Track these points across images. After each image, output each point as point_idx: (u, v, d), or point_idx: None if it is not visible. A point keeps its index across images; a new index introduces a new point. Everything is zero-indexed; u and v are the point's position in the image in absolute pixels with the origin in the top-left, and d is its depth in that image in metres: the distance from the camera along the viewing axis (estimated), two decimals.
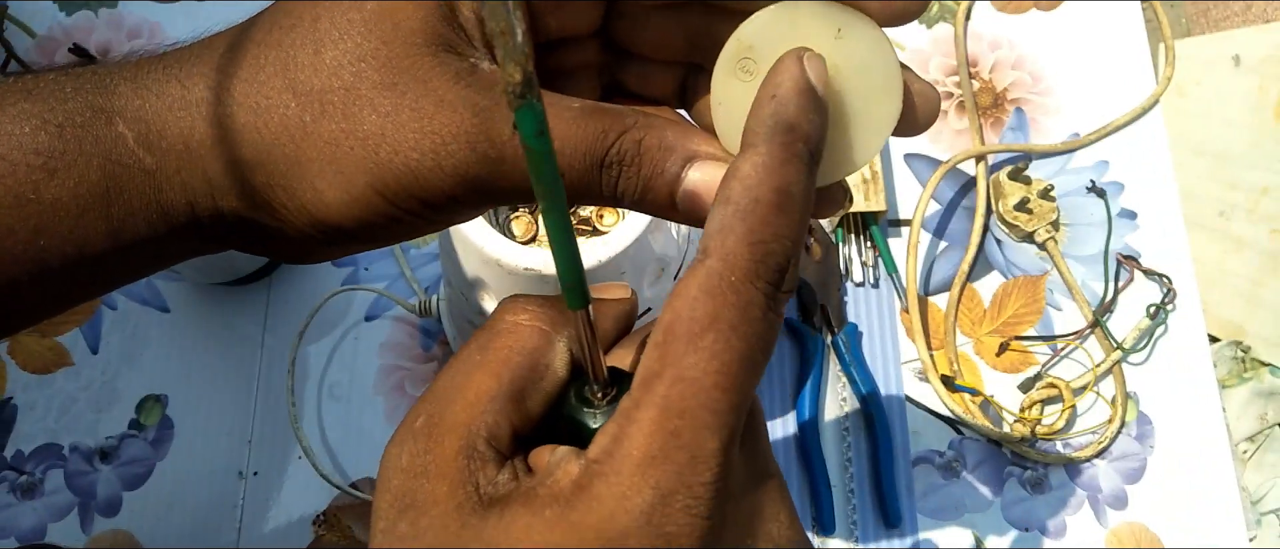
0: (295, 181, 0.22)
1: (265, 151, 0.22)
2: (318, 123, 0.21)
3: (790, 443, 0.56)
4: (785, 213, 0.19)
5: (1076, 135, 0.63)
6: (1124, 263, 0.60)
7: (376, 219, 0.22)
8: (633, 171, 0.21)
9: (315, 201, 0.22)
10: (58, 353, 0.59)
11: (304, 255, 0.25)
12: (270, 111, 0.21)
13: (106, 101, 0.22)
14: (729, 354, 0.18)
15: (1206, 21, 0.70)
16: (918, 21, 0.66)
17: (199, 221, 0.23)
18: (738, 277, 0.19)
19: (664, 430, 0.18)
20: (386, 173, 0.21)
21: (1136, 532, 0.55)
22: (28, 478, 0.56)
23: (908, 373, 0.58)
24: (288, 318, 0.59)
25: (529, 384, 0.20)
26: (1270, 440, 0.61)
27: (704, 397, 0.18)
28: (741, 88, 0.21)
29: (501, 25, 0.15)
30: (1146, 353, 0.58)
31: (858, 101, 0.21)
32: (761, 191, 0.19)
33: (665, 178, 0.21)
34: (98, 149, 0.22)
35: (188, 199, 0.23)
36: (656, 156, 0.21)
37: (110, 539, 0.55)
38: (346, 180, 0.21)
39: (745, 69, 0.21)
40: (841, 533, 0.54)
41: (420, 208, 0.22)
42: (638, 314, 0.23)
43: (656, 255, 0.41)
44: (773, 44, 0.20)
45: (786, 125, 0.19)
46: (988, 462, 0.56)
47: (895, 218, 0.61)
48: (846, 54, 0.20)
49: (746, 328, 0.19)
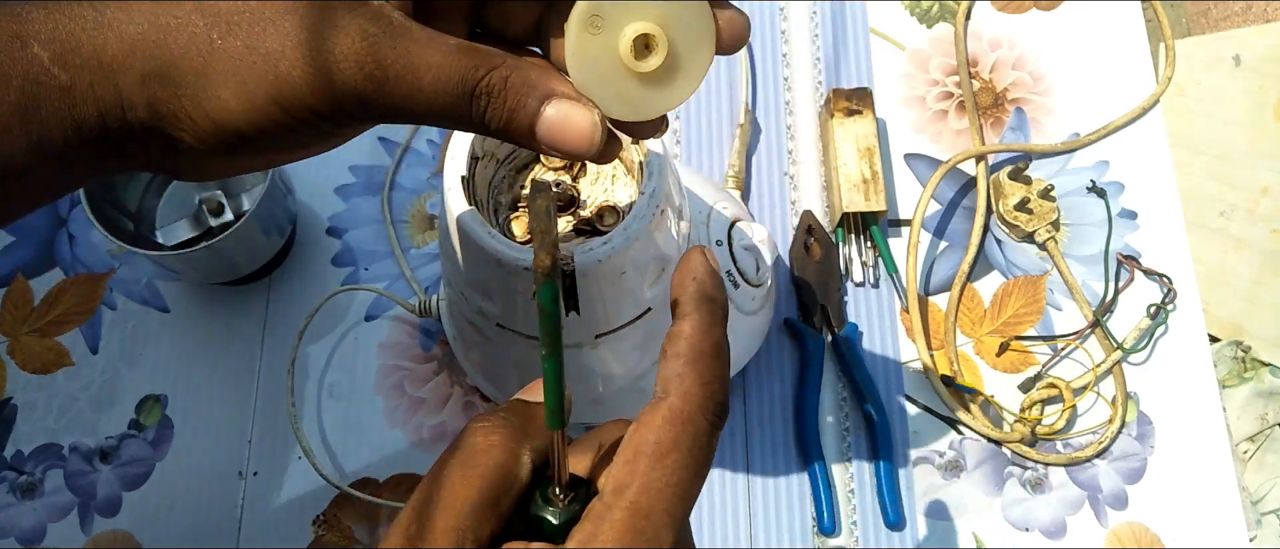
0: (201, 91, 0.25)
1: (174, 64, 0.25)
2: (225, 40, 0.24)
3: (790, 443, 0.56)
4: (721, 360, 0.25)
5: (1077, 135, 0.63)
6: (1124, 263, 0.60)
7: (272, 126, 0.25)
8: (499, 103, 0.25)
9: (219, 110, 0.25)
10: (57, 353, 0.59)
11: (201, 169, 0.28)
12: (180, 30, 0.24)
13: (21, 27, 0.25)
14: (684, 471, 0.23)
15: (1207, 21, 0.70)
16: (918, 21, 0.66)
17: (109, 134, 0.26)
18: (693, 410, 0.24)
19: (633, 528, 0.23)
20: (284, 85, 0.24)
21: (1137, 532, 0.55)
22: (27, 478, 0.56)
23: (908, 373, 0.58)
24: (287, 318, 0.59)
25: (503, 493, 0.24)
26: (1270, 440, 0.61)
27: (665, 503, 0.23)
28: (591, 41, 0.26)
29: (541, 226, 0.21)
30: (1147, 353, 0.58)
31: (683, 46, 0.26)
32: (704, 347, 0.25)
33: (526, 111, 0.26)
34: (15, 70, 0.24)
35: (99, 111, 0.25)
36: (520, 92, 0.25)
37: (110, 539, 0.55)
38: (248, 91, 0.24)
39: (594, 26, 0.26)
40: (842, 533, 0.55)
41: (311, 117, 0.25)
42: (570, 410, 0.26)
43: (656, 255, 0.41)
44: (616, 5, 0.25)
45: (708, 298, 0.26)
46: (988, 462, 0.56)
47: (895, 218, 0.61)
48: (675, 13, 0.26)
49: (698, 451, 0.24)
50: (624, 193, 0.44)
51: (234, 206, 0.57)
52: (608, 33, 0.26)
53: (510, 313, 0.42)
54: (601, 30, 0.26)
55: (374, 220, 0.61)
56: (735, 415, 0.57)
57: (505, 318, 0.43)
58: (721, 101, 0.64)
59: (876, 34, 0.66)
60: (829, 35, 0.66)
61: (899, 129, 0.64)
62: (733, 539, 0.55)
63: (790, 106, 0.64)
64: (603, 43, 0.26)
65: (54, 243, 0.61)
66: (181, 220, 0.57)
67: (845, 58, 0.65)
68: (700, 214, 0.51)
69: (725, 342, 0.26)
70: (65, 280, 0.60)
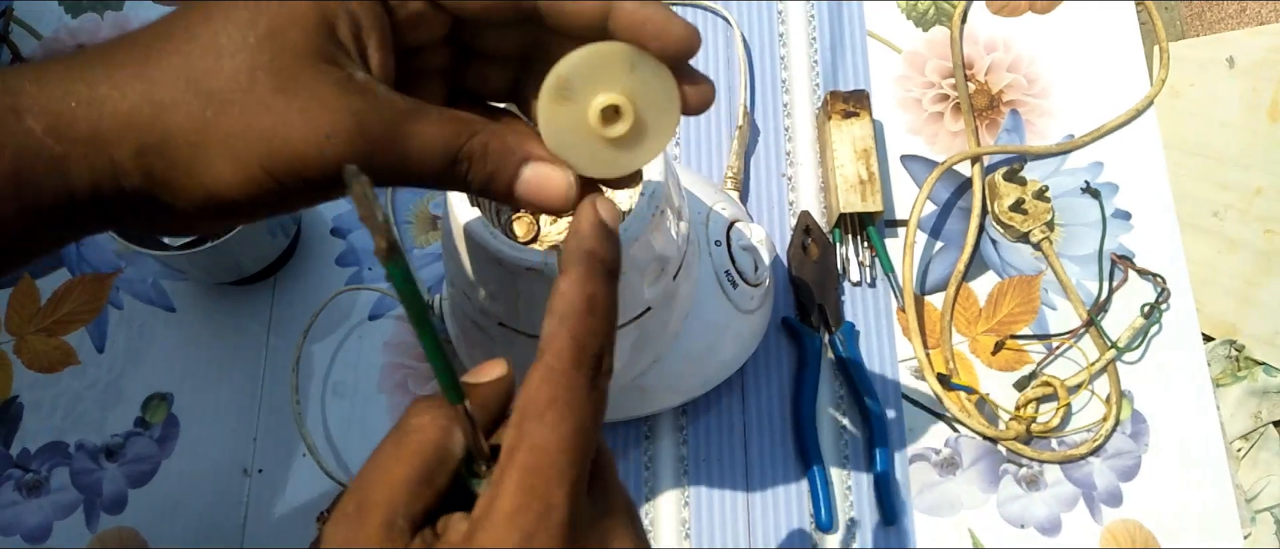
0: (196, 164, 0.26)
1: (169, 140, 0.26)
2: (219, 118, 0.25)
3: (788, 441, 0.57)
4: (594, 316, 0.25)
5: (1071, 137, 0.64)
6: (1118, 263, 0.60)
7: (264, 194, 0.26)
8: (480, 167, 0.27)
9: (214, 181, 0.26)
10: (64, 352, 0.59)
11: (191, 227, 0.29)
12: (174, 106, 0.25)
13: (14, 101, 0.26)
14: (565, 426, 0.24)
15: (1201, 24, 0.70)
16: (914, 24, 0.67)
17: (102, 199, 0.27)
18: (566, 366, 0.24)
19: (523, 488, 0.23)
20: (278, 159, 0.25)
21: (1131, 529, 0.55)
22: (34, 476, 0.57)
23: (904, 371, 0.58)
24: (292, 317, 0.60)
25: (436, 469, 0.25)
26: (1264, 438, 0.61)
27: (550, 458, 0.24)
28: (562, 110, 0.27)
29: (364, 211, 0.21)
30: (1141, 352, 0.59)
31: (650, 113, 0.28)
32: (577, 303, 0.25)
33: (506, 173, 0.28)
34: (8, 141, 0.25)
35: (92, 180, 0.26)
36: (499, 156, 0.27)
37: (116, 537, 0.56)
38: (243, 165, 0.26)
39: (564, 96, 0.27)
40: (839, 530, 0.55)
41: (304, 186, 0.26)
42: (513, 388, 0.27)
43: (656, 255, 0.42)
44: (584, 77, 0.27)
45: (588, 252, 0.26)
46: (983, 459, 0.57)
47: (892, 218, 0.62)
48: (639, 81, 0.27)
49: (577, 404, 0.24)
50: (623, 193, 0.44)
51: None
52: (577, 102, 0.27)
53: (512, 312, 0.43)
54: (571, 99, 0.27)
55: None
56: (733, 414, 0.58)
57: (507, 317, 0.43)
58: (720, 103, 0.65)
59: (873, 37, 0.67)
60: (826, 38, 0.66)
61: (895, 131, 0.64)
62: (731, 537, 0.55)
63: (788, 108, 0.65)
64: (573, 111, 0.27)
65: None
66: None
67: (842, 60, 0.66)
68: (698, 215, 0.52)
69: (603, 293, 0.26)
70: (71, 280, 0.61)
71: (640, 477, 0.56)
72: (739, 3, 0.67)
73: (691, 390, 0.54)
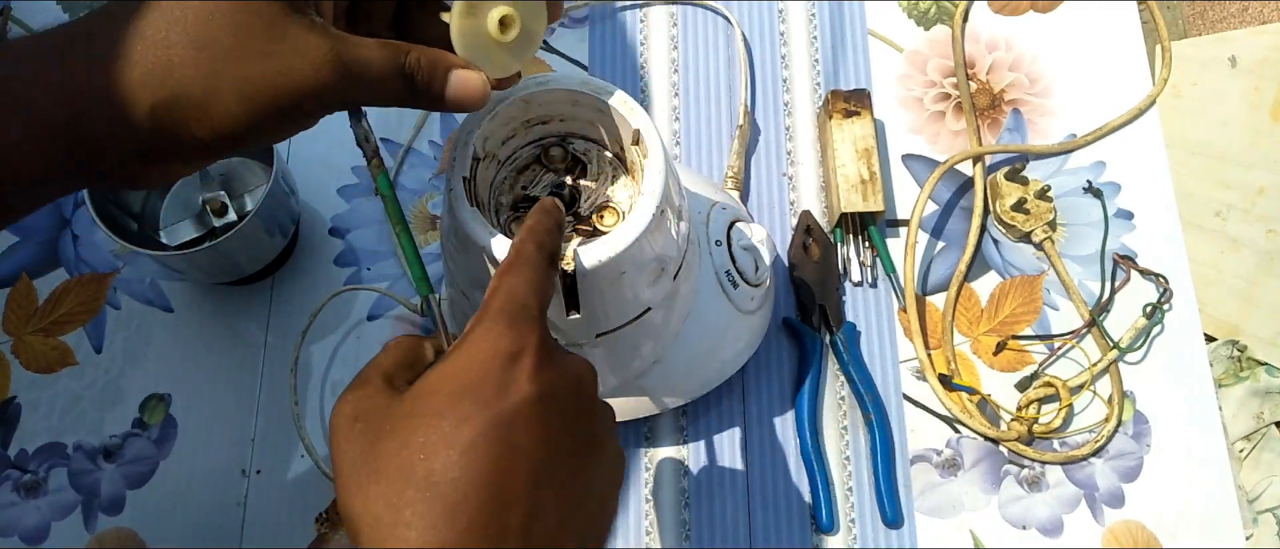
0: (210, 109, 0.31)
1: (182, 94, 0.31)
2: (226, 67, 0.31)
3: (789, 441, 0.57)
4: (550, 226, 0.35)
5: (1073, 136, 0.63)
6: (1120, 263, 0.60)
7: (268, 123, 0.32)
8: (420, 76, 0.35)
9: (225, 119, 0.32)
10: (62, 352, 0.59)
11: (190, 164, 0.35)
12: (182, 65, 0.31)
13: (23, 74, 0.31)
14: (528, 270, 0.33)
15: (1203, 23, 0.70)
16: (916, 23, 0.67)
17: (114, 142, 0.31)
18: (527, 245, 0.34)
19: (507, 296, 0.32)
20: (282, 93, 0.32)
21: (1133, 530, 0.55)
22: (31, 476, 0.57)
23: (905, 372, 0.58)
24: (290, 317, 0.59)
25: (415, 360, 0.33)
26: (1266, 439, 0.61)
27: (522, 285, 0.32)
28: (469, 22, 0.35)
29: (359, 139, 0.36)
30: (1143, 352, 0.59)
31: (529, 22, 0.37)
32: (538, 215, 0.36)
33: (439, 79, 0.35)
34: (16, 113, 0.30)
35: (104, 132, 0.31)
36: (431, 67, 0.35)
37: (114, 538, 0.55)
38: (253, 103, 0.31)
39: (470, 12, 0.35)
40: (840, 531, 0.55)
41: (298, 113, 0.33)
42: None
43: (656, 255, 0.41)
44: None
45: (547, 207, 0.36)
46: (985, 460, 0.56)
47: (893, 218, 0.62)
48: None
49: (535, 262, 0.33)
50: (624, 193, 0.44)
51: (237, 207, 0.58)
52: (478, 16, 0.35)
53: None
54: (474, 15, 0.35)
55: (376, 221, 0.62)
56: (734, 414, 0.57)
57: None
58: (721, 103, 0.65)
59: (874, 36, 0.66)
60: (827, 37, 0.66)
61: (897, 130, 0.64)
62: (732, 537, 0.55)
63: (789, 108, 0.65)
64: (476, 23, 0.35)
65: (58, 243, 0.62)
66: (185, 221, 0.58)
67: (843, 59, 0.66)
68: (699, 214, 0.51)
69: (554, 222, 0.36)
70: (69, 280, 0.61)
71: (640, 477, 0.56)
72: (740, 2, 0.67)
73: (692, 391, 0.54)
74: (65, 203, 0.63)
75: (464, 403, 0.29)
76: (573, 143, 0.45)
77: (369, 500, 0.29)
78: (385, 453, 0.29)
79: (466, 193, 0.39)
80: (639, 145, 0.41)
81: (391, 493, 0.29)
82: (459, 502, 0.28)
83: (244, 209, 0.58)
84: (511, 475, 0.29)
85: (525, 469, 0.29)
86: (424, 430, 0.29)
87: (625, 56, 0.66)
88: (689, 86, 0.65)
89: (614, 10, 0.67)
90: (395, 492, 0.29)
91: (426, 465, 0.29)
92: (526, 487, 0.29)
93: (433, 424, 0.29)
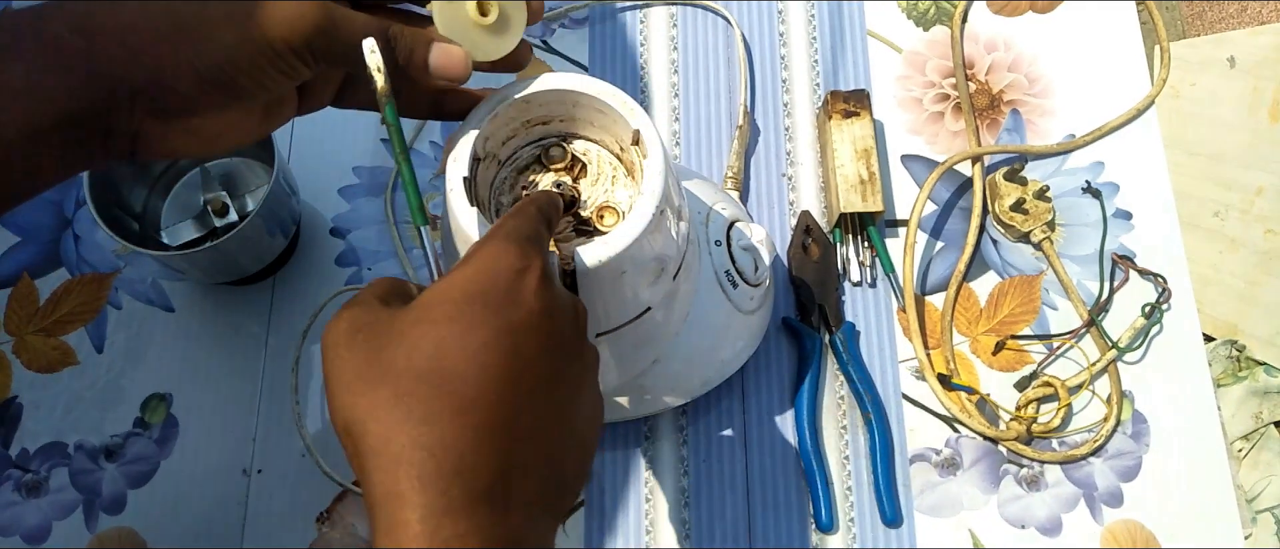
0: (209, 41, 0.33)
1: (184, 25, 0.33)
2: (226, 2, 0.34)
3: (788, 441, 0.57)
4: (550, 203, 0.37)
5: (1072, 136, 0.64)
6: (1119, 263, 0.60)
7: (263, 63, 0.34)
8: (403, 45, 0.37)
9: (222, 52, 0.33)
10: (63, 352, 0.59)
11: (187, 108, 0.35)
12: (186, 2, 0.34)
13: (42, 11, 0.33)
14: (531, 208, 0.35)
15: (1202, 23, 0.70)
16: (915, 24, 0.67)
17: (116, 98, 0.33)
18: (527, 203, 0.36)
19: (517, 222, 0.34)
20: (274, 33, 0.34)
21: (1132, 529, 0.55)
22: (33, 476, 0.57)
23: (905, 371, 0.58)
24: (291, 317, 0.59)
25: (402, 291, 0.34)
26: (1265, 439, 0.61)
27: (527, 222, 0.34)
28: (451, 5, 0.38)
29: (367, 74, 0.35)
30: (1142, 352, 0.59)
31: (509, 9, 0.39)
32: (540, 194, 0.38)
33: (421, 50, 0.37)
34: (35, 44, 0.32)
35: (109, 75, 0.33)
36: (412, 38, 0.37)
37: (115, 537, 0.55)
38: (247, 37, 0.34)
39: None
40: (839, 531, 0.55)
41: (290, 55, 0.35)
42: None
43: (656, 255, 0.42)
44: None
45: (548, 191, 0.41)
46: (984, 459, 0.56)
47: (892, 218, 0.62)
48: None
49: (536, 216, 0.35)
50: (624, 193, 0.44)
51: (238, 207, 0.58)
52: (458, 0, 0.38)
53: None
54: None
55: (377, 221, 0.62)
56: (733, 414, 0.57)
57: None
58: (720, 103, 0.65)
59: (874, 36, 0.66)
60: (827, 37, 0.66)
61: (896, 130, 0.64)
62: (732, 537, 0.55)
63: (788, 108, 0.65)
64: (456, 7, 0.38)
65: (59, 243, 0.62)
66: (186, 221, 0.58)
67: (843, 60, 0.66)
68: (699, 214, 0.51)
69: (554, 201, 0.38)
70: (71, 280, 0.61)
71: (640, 477, 0.56)
72: (739, 2, 0.67)
73: (691, 390, 0.54)
74: (67, 203, 0.63)
75: (475, 307, 0.30)
76: (573, 143, 0.45)
77: (376, 403, 0.29)
78: (392, 359, 0.29)
79: (467, 193, 0.39)
80: (639, 145, 0.41)
81: (401, 393, 0.29)
82: (471, 401, 0.29)
83: (245, 209, 0.58)
84: (520, 383, 0.30)
85: (531, 378, 0.30)
86: (433, 335, 0.30)
87: (625, 57, 0.66)
88: (689, 87, 0.65)
89: (614, 10, 0.68)
90: (406, 390, 0.29)
91: (437, 364, 0.29)
92: (532, 396, 0.30)
93: (443, 328, 0.30)
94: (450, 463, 0.28)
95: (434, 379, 0.29)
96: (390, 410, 0.29)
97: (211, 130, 0.36)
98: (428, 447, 0.28)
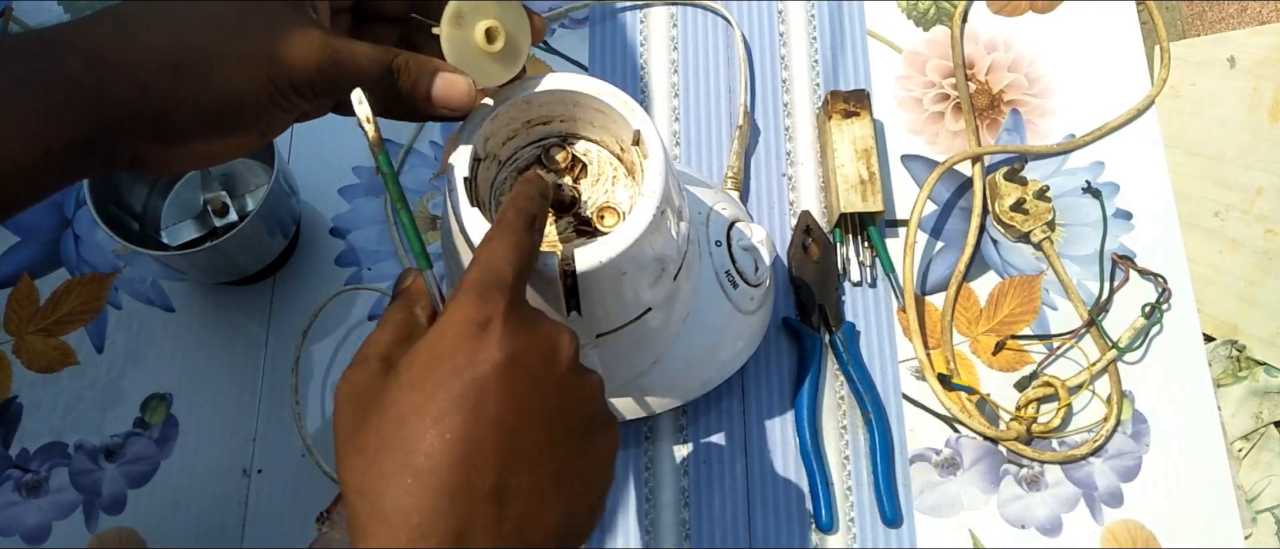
0: (216, 77, 0.34)
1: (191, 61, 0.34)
2: (233, 43, 0.34)
3: (788, 441, 0.57)
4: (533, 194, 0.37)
5: (1072, 136, 0.64)
6: (1119, 263, 0.60)
7: (260, 102, 0.35)
8: (406, 75, 0.37)
9: (228, 87, 0.34)
10: (63, 352, 0.59)
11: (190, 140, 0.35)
12: (196, 34, 0.34)
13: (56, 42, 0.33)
14: (509, 236, 0.35)
15: (1202, 23, 0.70)
16: (915, 24, 0.67)
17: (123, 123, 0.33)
18: (505, 207, 0.36)
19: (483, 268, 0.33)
20: (278, 72, 0.35)
21: (1132, 529, 0.55)
22: (33, 476, 0.57)
23: (905, 371, 0.58)
24: (291, 317, 0.59)
25: (412, 332, 0.35)
26: (1265, 439, 0.61)
27: (499, 255, 0.34)
28: (457, 33, 0.38)
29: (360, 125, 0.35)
30: (1142, 352, 0.59)
31: (514, 36, 0.39)
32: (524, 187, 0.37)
33: (424, 80, 0.37)
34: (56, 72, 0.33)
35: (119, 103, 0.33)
36: (417, 68, 0.37)
37: (115, 537, 0.55)
38: (252, 75, 0.34)
39: (458, 22, 0.38)
40: (840, 531, 0.55)
41: (292, 93, 0.35)
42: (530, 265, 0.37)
43: (656, 256, 0.42)
44: (470, 9, 0.38)
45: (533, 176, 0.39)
46: (984, 459, 0.56)
47: (892, 218, 0.62)
48: (504, 11, 0.39)
49: (518, 229, 0.35)
50: (624, 193, 0.44)
51: (238, 207, 0.58)
52: (466, 27, 0.38)
53: None
54: (462, 26, 0.38)
55: (377, 221, 0.62)
56: (734, 414, 0.57)
57: None
58: (720, 103, 0.65)
59: (874, 36, 0.66)
60: (827, 37, 0.66)
61: (896, 130, 0.64)
62: (732, 537, 0.55)
63: (788, 108, 0.65)
64: (464, 33, 0.38)
65: (59, 243, 0.62)
66: (186, 221, 0.58)
67: (843, 60, 0.66)
68: (699, 215, 0.51)
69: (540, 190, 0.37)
70: (71, 280, 0.61)
71: (640, 477, 0.56)
72: (739, 2, 0.67)
73: (691, 391, 0.54)
74: (67, 203, 0.63)
75: (436, 373, 0.31)
76: (573, 143, 0.45)
77: (352, 472, 0.31)
78: (370, 427, 0.32)
79: (467, 193, 0.39)
80: (639, 146, 0.41)
81: (374, 464, 0.31)
82: (432, 470, 0.30)
83: (245, 209, 0.58)
84: (481, 443, 0.31)
85: (495, 436, 0.31)
86: (400, 403, 0.31)
87: (625, 57, 0.66)
88: (689, 87, 0.65)
89: (614, 10, 0.68)
90: (378, 462, 0.31)
91: (400, 436, 0.31)
92: (496, 454, 0.31)
93: (408, 397, 0.31)
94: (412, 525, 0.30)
95: (399, 450, 0.31)
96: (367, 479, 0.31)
97: (211, 151, 0.37)
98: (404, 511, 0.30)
